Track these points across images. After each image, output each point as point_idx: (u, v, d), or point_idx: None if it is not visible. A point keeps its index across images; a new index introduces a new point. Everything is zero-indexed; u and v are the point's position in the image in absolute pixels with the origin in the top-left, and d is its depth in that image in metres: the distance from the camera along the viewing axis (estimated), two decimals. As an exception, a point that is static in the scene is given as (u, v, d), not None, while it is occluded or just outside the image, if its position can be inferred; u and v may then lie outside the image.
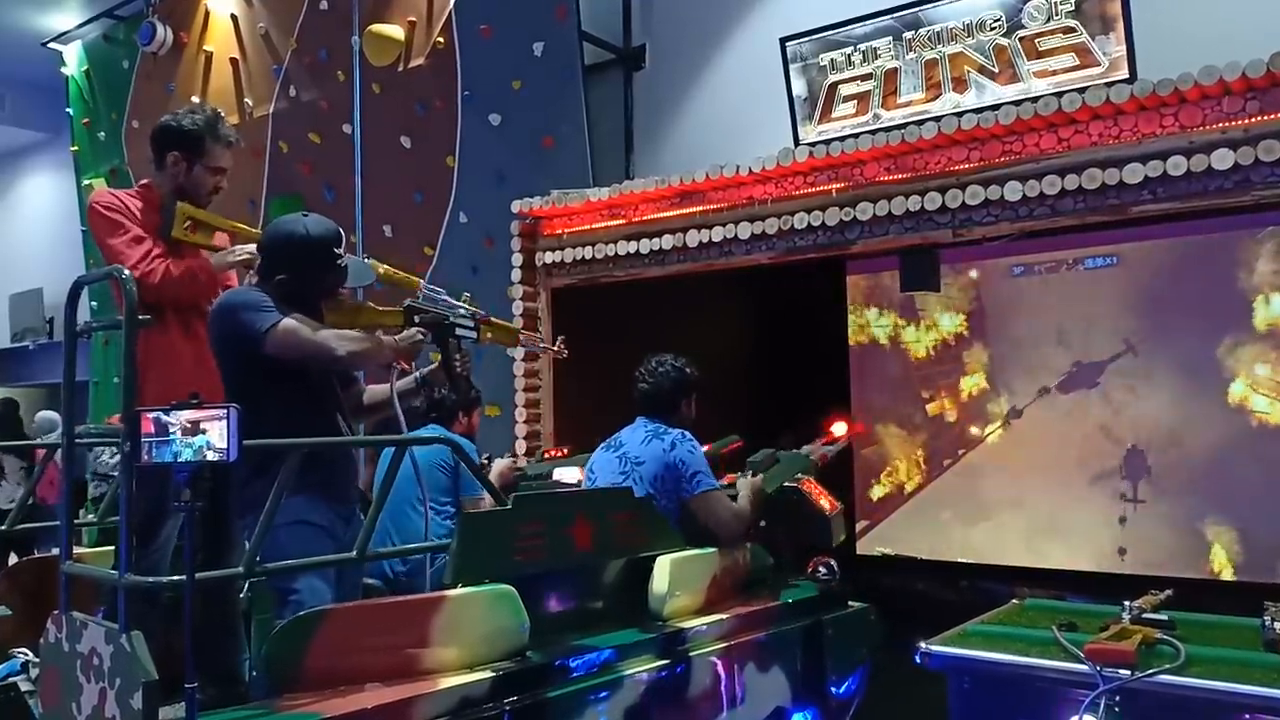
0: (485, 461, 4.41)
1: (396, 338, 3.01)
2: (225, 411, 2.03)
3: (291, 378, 2.83)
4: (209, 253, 3.31)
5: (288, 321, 2.77)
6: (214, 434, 2.02)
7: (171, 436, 2.04)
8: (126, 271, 2.44)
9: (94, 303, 7.71)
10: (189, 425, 2.03)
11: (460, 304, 3.25)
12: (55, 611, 2.47)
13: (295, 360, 2.79)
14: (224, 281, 3.30)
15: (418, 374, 3.20)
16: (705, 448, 3.74)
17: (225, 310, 2.87)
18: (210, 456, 2.03)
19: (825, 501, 3.86)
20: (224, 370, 2.90)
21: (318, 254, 2.92)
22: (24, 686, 2.78)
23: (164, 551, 2.98)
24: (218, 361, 2.92)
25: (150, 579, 2.37)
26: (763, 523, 3.78)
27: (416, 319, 3.07)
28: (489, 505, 3.79)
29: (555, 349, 3.86)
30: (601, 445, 3.82)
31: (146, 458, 2.07)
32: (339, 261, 2.96)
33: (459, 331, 3.15)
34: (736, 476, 3.84)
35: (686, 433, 3.66)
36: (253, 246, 3.18)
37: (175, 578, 2.27)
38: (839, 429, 4.29)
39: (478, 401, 4.48)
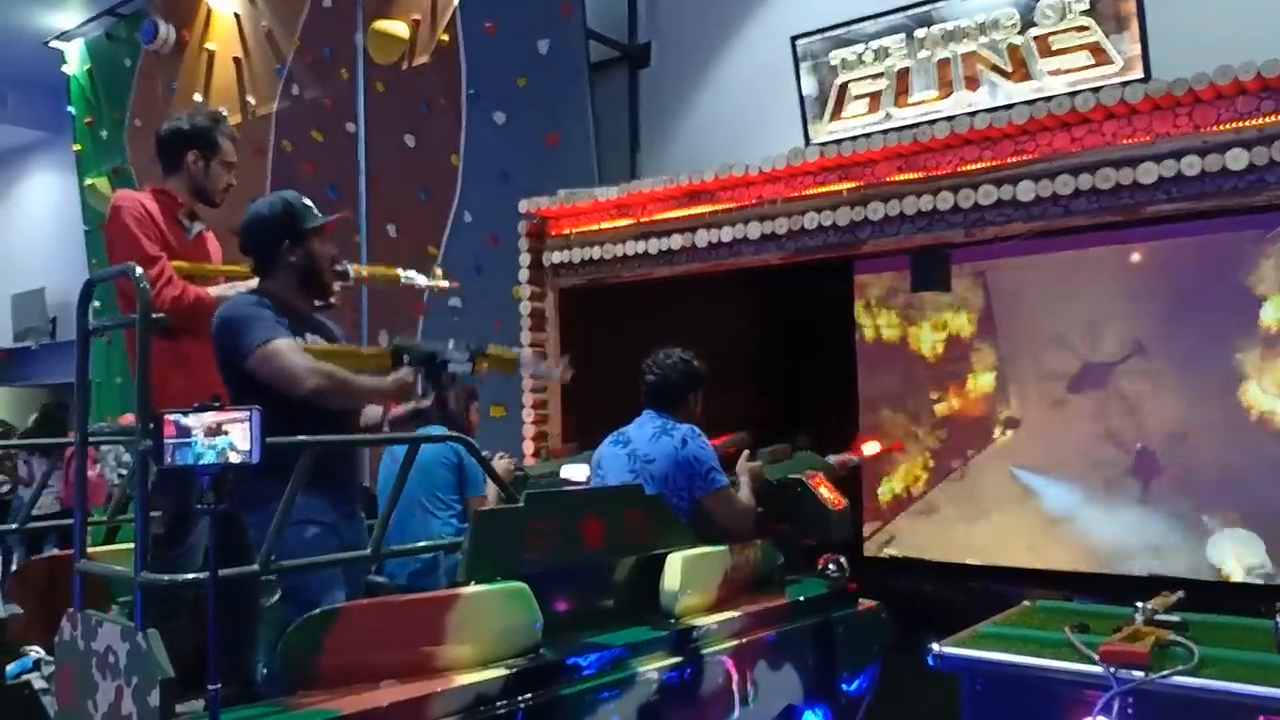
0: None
1: (387, 380, 2.90)
2: (248, 413, 2.02)
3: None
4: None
5: (273, 345, 2.71)
6: (236, 436, 2.01)
7: (193, 439, 2.03)
8: (139, 270, 2.43)
9: (96, 302, 7.68)
10: (211, 427, 2.01)
11: (450, 346, 3.11)
12: (70, 609, 2.46)
13: (267, 383, 2.72)
14: None
15: (408, 409, 3.16)
16: (715, 442, 3.73)
17: (220, 323, 2.84)
18: (233, 459, 2.02)
19: (831, 497, 3.85)
20: (223, 376, 2.87)
21: (296, 206, 2.92)
22: (37, 684, 2.77)
23: (193, 554, 2.97)
24: (219, 367, 2.90)
25: (165, 577, 2.36)
26: (760, 508, 3.77)
27: (405, 359, 2.95)
28: (493, 502, 3.80)
29: (561, 372, 3.81)
30: (608, 440, 3.80)
31: (169, 460, 2.06)
32: (309, 224, 2.92)
33: (451, 367, 2.99)
34: (744, 457, 3.84)
35: (695, 428, 3.65)
36: (252, 283, 3.17)
37: (195, 575, 2.26)
38: (870, 448, 4.25)
39: (474, 397, 4.43)
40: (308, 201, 3.00)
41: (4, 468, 8.16)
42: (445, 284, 3.60)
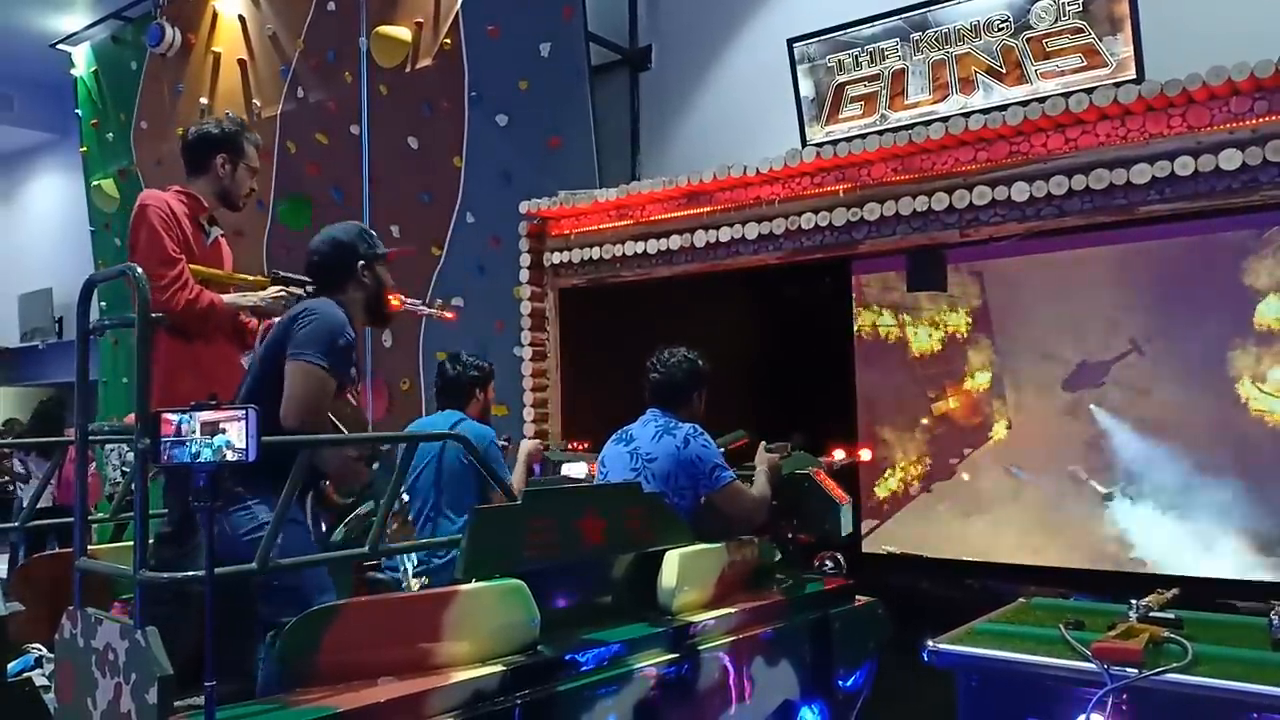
0: (506, 443, 4.39)
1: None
2: (244, 412, 2.05)
3: None
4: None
5: (327, 379, 2.75)
6: (233, 434, 2.04)
7: (190, 437, 2.06)
8: (139, 270, 2.45)
9: (103, 302, 7.74)
10: (208, 426, 2.05)
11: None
12: (70, 607, 2.49)
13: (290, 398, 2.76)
14: (242, 317, 3.40)
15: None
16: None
17: (308, 313, 2.83)
18: (230, 457, 2.05)
19: (836, 492, 3.88)
20: (261, 359, 2.89)
21: (359, 246, 3.02)
22: (39, 681, 2.80)
23: (199, 552, 2.99)
24: (262, 350, 2.91)
25: (165, 574, 2.39)
26: (774, 501, 3.80)
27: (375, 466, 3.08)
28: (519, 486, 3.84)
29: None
30: (612, 438, 3.84)
31: (166, 458, 2.09)
32: (379, 249, 3.05)
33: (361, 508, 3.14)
34: (761, 449, 3.89)
35: (698, 426, 3.68)
36: (264, 293, 3.31)
37: (192, 573, 2.29)
38: (838, 455, 4.31)
39: (491, 375, 4.38)
40: (373, 231, 3.13)
41: (2, 467, 8.19)
42: (448, 315, 3.68)
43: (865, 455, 4.64)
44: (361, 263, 2.99)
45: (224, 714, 2.16)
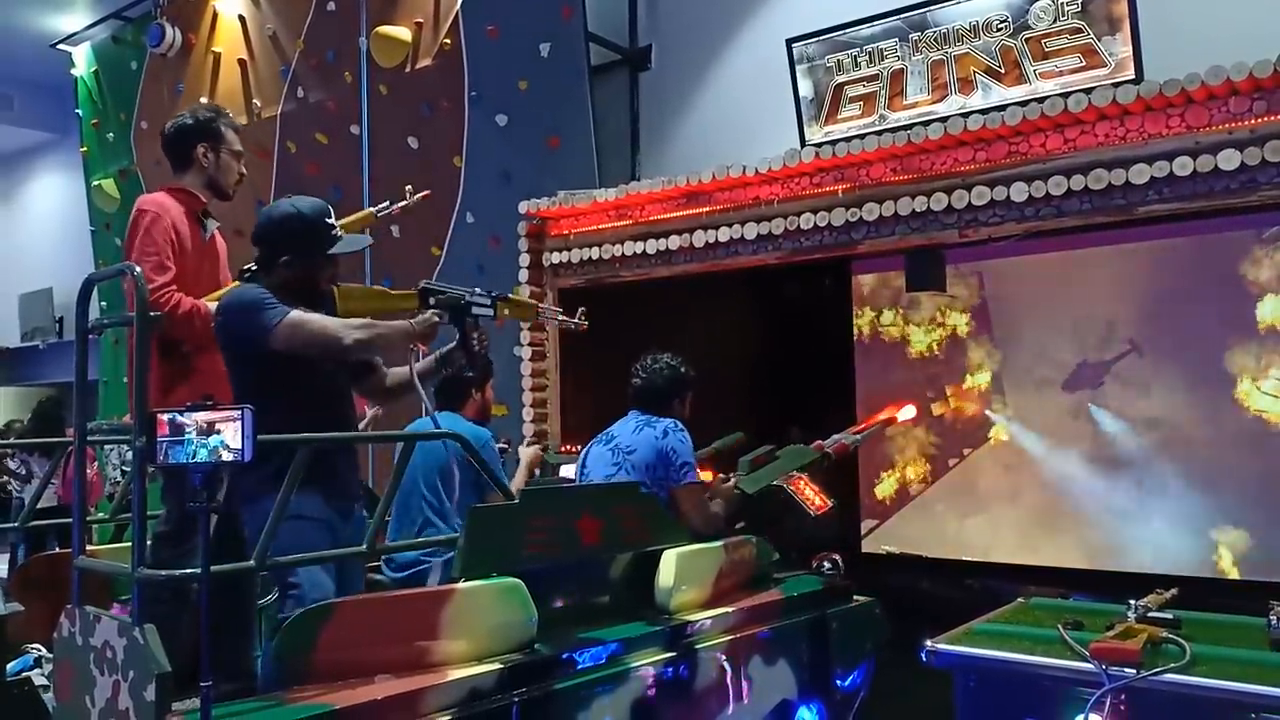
0: (506, 445, 4.37)
1: (412, 321, 2.95)
2: (240, 412, 2.05)
3: (296, 374, 2.82)
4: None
5: (293, 315, 2.76)
6: (229, 434, 2.05)
7: (186, 438, 2.06)
8: (138, 269, 2.47)
9: (104, 302, 7.75)
10: (204, 426, 2.05)
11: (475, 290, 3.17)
12: (69, 605, 2.49)
13: (302, 352, 2.78)
14: None
15: (436, 354, 3.15)
16: (711, 445, 3.77)
17: (229, 310, 2.87)
18: (225, 457, 2.06)
19: (818, 499, 3.86)
20: (231, 368, 2.91)
21: (316, 227, 2.93)
22: (38, 681, 2.80)
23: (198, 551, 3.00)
24: (225, 360, 2.93)
25: (163, 572, 2.39)
26: (740, 524, 3.81)
27: (432, 300, 3.02)
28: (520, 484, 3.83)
29: (576, 321, 3.82)
30: (595, 439, 3.84)
31: (162, 459, 2.09)
32: (334, 232, 2.96)
33: (475, 310, 3.10)
34: (718, 481, 3.89)
35: (678, 422, 3.69)
36: None
37: (189, 571, 2.29)
38: (885, 414, 4.28)
39: (490, 374, 4.29)
40: (330, 219, 2.98)
41: (4, 468, 8.20)
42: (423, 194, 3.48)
43: (908, 413, 4.62)
44: (286, 257, 2.90)
45: (222, 711, 2.16)
